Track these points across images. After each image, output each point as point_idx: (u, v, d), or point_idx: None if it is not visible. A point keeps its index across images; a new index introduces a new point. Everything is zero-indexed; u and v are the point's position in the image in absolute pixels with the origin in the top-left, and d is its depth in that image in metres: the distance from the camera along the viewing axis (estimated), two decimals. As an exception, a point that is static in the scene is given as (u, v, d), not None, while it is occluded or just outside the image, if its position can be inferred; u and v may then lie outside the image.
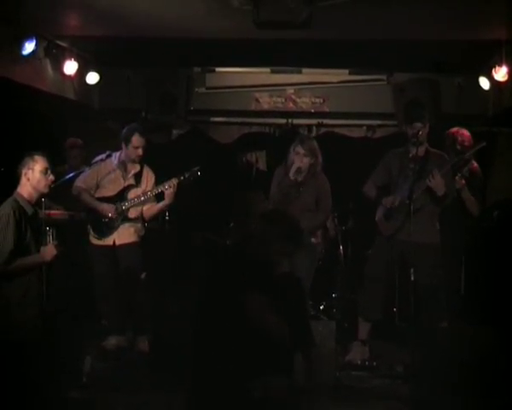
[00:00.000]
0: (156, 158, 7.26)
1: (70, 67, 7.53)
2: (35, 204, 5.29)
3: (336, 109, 8.84)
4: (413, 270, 5.93)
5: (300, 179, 6.49)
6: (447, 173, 6.15)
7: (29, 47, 6.60)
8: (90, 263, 6.83)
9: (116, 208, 6.67)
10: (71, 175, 6.70)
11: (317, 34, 6.40)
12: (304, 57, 7.88)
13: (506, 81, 7.10)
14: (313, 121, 8.91)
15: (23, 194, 5.22)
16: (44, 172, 5.27)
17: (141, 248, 6.87)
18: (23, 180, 5.24)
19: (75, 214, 7.01)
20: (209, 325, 3.78)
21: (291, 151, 6.50)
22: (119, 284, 6.76)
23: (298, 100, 8.87)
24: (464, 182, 6.48)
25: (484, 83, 7.65)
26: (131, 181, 6.79)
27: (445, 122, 7.31)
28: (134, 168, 6.81)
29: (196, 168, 6.68)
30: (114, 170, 6.78)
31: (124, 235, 6.75)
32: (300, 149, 6.44)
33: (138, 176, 6.82)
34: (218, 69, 8.80)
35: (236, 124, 9.12)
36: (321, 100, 8.83)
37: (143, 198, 6.72)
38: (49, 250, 5.21)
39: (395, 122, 8.27)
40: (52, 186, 5.40)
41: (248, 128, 9.12)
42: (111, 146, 6.88)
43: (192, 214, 8.76)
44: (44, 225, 5.32)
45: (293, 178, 6.43)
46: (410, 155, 6.21)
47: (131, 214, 6.75)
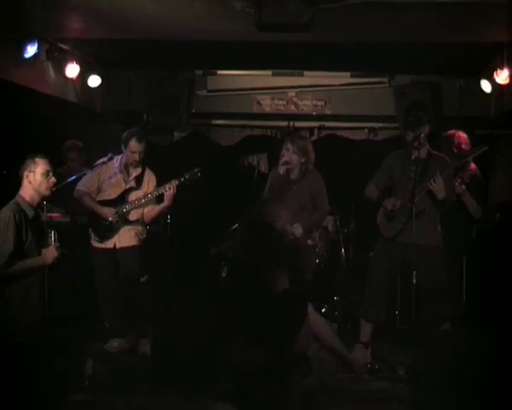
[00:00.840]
0: (158, 160, 7.27)
1: (72, 70, 7.54)
2: (37, 207, 5.29)
3: (338, 112, 8.86)
4: (414, 272, 5.92)
5: (293, 177, 6.51)
6: (448, 177, 6.15)
7: (31, 50, 6.61)
8: (92, 266, 6.84)
9: (117, 212, 6.67)
10: (73, 178, 6.70)
11: (319, 37, 6.41)
12: (305, 60, 7.89)
13: (507, 84, 7.10)
14: (315, 124, 8.93)
15: (25, 196, 5.23)
16: (46, 174, 5.27)
17: (142, 251, 6.87)
18: (25, 183, 5.25)
19: (76, 217, 7.01)
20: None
21: (283, 149, 6.54)
22: (120, 287, 6.76)
23: (299, 102, 8.88)
24: (464, 187, 6.47)
25: (485, 85, 7.65)
26: (132, 184, 6.79)
27: (447, 125, 7.31)
28: (135, 171, 6.81)
29: (196, 169, 6.68)
30: (116, 173, 6.78)
31: (124, 238, 6.75)
32: (290, 146, 6.48)
33: (139, 179, 6.82)
34: (220, 72, 8.82)
35: (238, 126, 9.14)
36: (322, 102, 8.85)
37: (144, 201, 6.72)
38: (51, 252, 5.21)
39: (397, 125, 8.27)
40: (54, 189, 5.41)
41: (250, 131, 9.13)
42: (113, 149, 6.88)
43: (193, 217, 8.77)
44: (46, 228, 5.33)
45: (281, 171, 6.45)
46: (412, 158, 6.20)
47: (132, 217, 6.76)
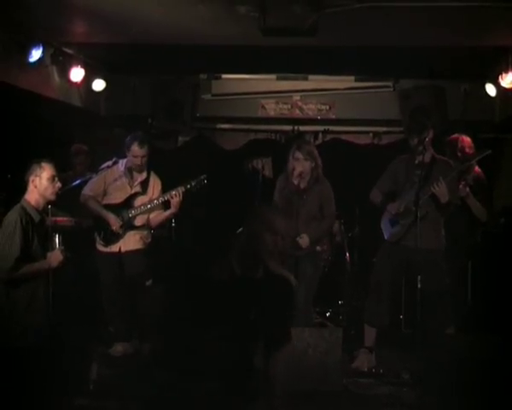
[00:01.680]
0: (162, 165, 7.27)
1: (76, 74, 7.54)
2: (42, 211, 5.30)
3: (342, 116, 8.85)
4: (419, 277, 5.91)
5: (304, 186, 6.40)
6: (452, 180, 6.14)
7: (36, 54, 6.62)
8: (97, 269, 6.84)
9: (122, 220, 6.67)
10: (77, 182, 6.70)
11: (323, 41, 6.40)
12: (310, 64, 7.89)
13: (512, 88, 7.10)
14: (319, 128, 8.91)
15: (30, 201, 5.24)
16: (52, 179, 5.28)
17: (147, 255, 6.87)
18: (30, 187, 5.26)
19: (82, 221, 7.01)
20: None
21: (290, 159, 6.43)
22: (125, 291, 6.76)
23: (304, 107, 8.87)
24: (469, 190, 6.47)
25: (490, 89, 7.64)
26: (138, 189, 6.80)
27: (451, 129, 7.30)
28: (140, 176, 6.81)
29: (203, 176, 6.69)
30: (121, 177, 6.79)
31: (129, 242, 6.75)
32: (299, 155, 6.38)
33: (145, 183, 6.82)
34: (225, 76, 8.81)
35: (242, 131, 9.13)
36: (327, 107, 8.84)
37: (150, 206, 6.73)
38: (56, 256, 5.21)
39: (401, 129, 8.26)
40: (59, 193, 5.42)
41: (254, 135, 9.13)
42: (117, 153, 6.89)
43: (198, 221, 8.77)
44: (51, 232, 5.33)
45: (296, 182, 6.34)
46: (417, 162, 6.20)
47: (138, 222, 6.76)
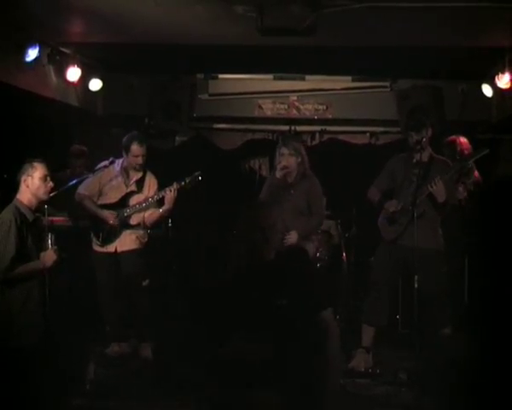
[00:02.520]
0: (159, 165, 7.26)
1: (73, 74, 7.52)
2: (35, 210, 5.29)
3: (339, 116, 8.86)
4: (416, 276, 5.91)
5: (290, 180, 6.41)
6: (449, 180, 6.15)
7: (32, 54, 6.61)
8: (93, 269, 6.83)
9: (118, 215, 6.66)
10: (73, 182, 6.68)
11: (321, 41, 6.40)
12: (307, 64, 7.89)
13: (509, 88, 7.09)
14: (316, 128, 8.92)
15: (23, 200, 5.22)
16: (44, 179, 5.27)
17: (144, 254, 6.86)
18: (22, 187, 5.24)
19: (78, 221, 7.00)
20: None
21: (276, 155, 6.45)
22: (121, 291, 6.76)
23: (301, 107, 8.88)
24: (467, 194, 6.47)
25: (487, 90, 7.65)
26: (133, 188, 6.79)
27: (449, 129, 7.30)
28: (136, 175, 6.80)
29: (197, 173, 6.67)
30: (117, 176, 6.78)
31: (125, 241, 6.74)
32: (285, 150, 6.38)
33: (140, 182, 6.81)
34: (222, 76, 8.81)
35: (239, 130, 9.13)
36: (324, 107, 8.84)
37: (145, 205, 6.71)
38: (49, 256, 5.20)
39: (398, 129, 8.27)
40: (52, 194, 5.42)
41: (251, 135, 9.13)
42: (114, 152, 6.88)
43: (194, 221, 8.76)
44: (46, 231, 5.32)
45: (279, 176, 6.34)
46: (414, 161, 6.20)
47: (133, 221, 6.75)
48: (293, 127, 8.84)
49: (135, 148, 6.63)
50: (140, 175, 6.80)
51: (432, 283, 6.04)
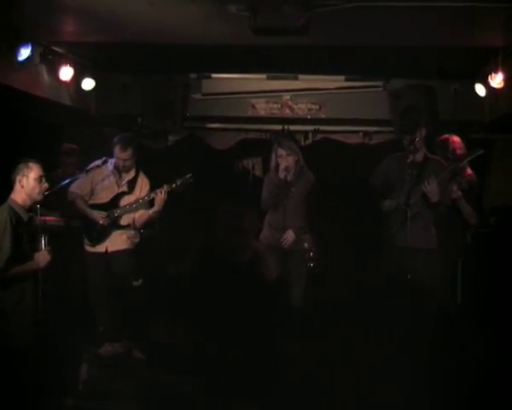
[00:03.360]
0: (152, 164, 7.25)
1: (66, 73, 7.50)
2: (29, 210, 5.27)
3: (333, 116, 8.85)
4: (409, 275, 5.92)
5: (290, 179, 6.61)
6: (443, 180, 6.15)
7: (25, 53, 6.57)
8: (86, 269, 6.81)
9: (108, 215, 6.65)
10: (66, 181, 6.68)
11: (314, 41, 6.40)
12: (300, 64, 7.88)
13: (502, 88, 7.09)
14: (309, 128, 8.92)
15: (17, 200, 5.20)
16: (39, 180, 5.25)
17: (135, 254, 6.84)
18: (17, 187, 5.22)
19: (71, 221, 6.98)
20: None
21: (272, 157, 6.68)
22: (113, 291, 6.74)
23: (294, 106, 8.87)
24: (461, 193, 6.47)
25: (480, 90, 7.64)
26: (125, 188, 6.78)
27: (442, 129, 7.30)
28: (128, 175, 6.80)
29: (188, 176, 6.67)
30: (109, 176, 6.77)
31: (116, 242, 6.73)
32: (282, 152, 6.62)
33: (132, 183, 6.80)
34: (215, 75, 8.80)
35: (233, 130, 9.12)
36: (317, 106, 8.84)
37: (135, 206, 6.70)
38: (43, 256, 5.20)
39: (392, 128, 8.27)
40: (46, 194, 5.40)
41: (245, 134, 9.13)
42: (107, 152, 6.86)
43: (187, 222, 8.74)
44: (39, 232, 5.30)
45: (282, 176, 6.55)
46: (409, 160, 6.20)
47: (124, 222, 6.73)
48: (286, 127, 8.83)
49: (117, 151, 6.64)
50: (132, 175, 6.79)
51: (425, 281, 6.04)
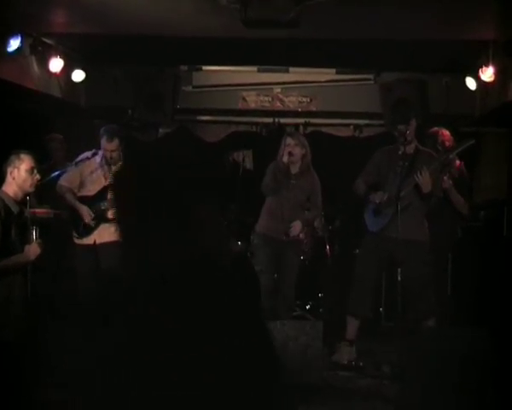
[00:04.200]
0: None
1: (56, 65, 7.47)
2: (20, 202, 5.24)
3: (323, 109, 8.84)
4: (399, 269, 5.93)
5: (295, 171, 6.60)
6: (435, 171, 6.16)
7: (14, 44, 6.55)
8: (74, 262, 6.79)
9: (94, 212, 6.62)
10: (56, 173, 6.65)
11: (305, 33, 6.38)
12: (291, 56, 7.87)
13: (493, 82, 7.10)
14: (300, 120, 8.90)
15: (8, 192, 5.17)
16: (31, 171, 5.22)
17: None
18: (8, 179, 5.19)
19: (60, 213, 6.95)
20: None
21: (281, 146, 6.63)
22: (101, 283, 6.71)
23: (285, 99, 8.86)
24: (452, 182, 6.47)
25: (470, 83, 7.65)
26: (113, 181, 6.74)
27: (433, 122, 7.31)
28: (116, 167, 6.76)
29: None
30: (97, 169, 6.73)
31: (104, 234, 6.68)
32: (291, 141, 6.61)
33: (120, 176, 6.76)
34: (205, 68, 8.77)
35: (223, 123, 9.10)
36: (308, 99, 8.83)
37: None
38: (33, 249, 5.17)
39: (382, 121, 8.27)
40: (37, 184, 5.37)
41: (235, 127, 9.11)
42: (97, 144, 6.83)
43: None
44: (29, 224, 5.27)
45: (285, 160, 6.52)
46: (400, 153, 6.21)
47: (111, 215, 6.69)
48: (276, 120, 8.82)
49: (103, 142, 6.59)
50: (120, 168, 6.77)
51: (416, 274, 6.05)
